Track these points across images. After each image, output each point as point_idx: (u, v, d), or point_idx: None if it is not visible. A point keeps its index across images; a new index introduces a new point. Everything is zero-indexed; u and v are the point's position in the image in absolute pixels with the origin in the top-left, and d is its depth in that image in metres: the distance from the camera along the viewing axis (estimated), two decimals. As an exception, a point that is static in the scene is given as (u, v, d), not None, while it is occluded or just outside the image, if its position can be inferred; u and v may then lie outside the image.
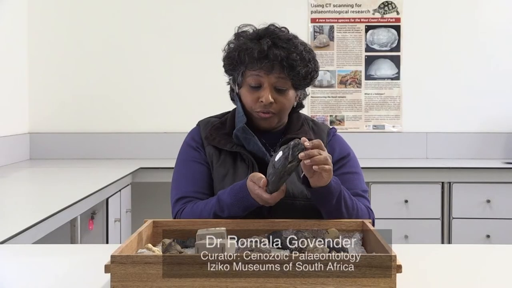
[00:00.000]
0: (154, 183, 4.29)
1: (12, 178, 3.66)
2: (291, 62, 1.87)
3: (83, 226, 3.16)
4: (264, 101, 1.88)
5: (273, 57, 1.86)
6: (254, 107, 1.91)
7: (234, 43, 1.96)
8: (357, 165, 2.01)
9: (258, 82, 1.89)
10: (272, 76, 1.88)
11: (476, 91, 4.62)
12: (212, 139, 1.97)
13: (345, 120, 4.63)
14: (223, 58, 1.98)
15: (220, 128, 1.99)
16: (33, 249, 1.84)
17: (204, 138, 1.99)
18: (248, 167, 1.91)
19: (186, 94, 4.61)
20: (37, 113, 4.60)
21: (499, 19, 4.62)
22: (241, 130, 1.90)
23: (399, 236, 4.00)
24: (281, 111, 1.92)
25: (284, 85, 1.90)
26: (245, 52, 1.89)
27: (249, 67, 1.90)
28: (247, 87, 1.92)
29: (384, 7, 4.63)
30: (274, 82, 1.89)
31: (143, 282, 1.28)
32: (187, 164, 1.99)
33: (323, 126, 2.05)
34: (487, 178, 4.05)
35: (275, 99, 1.89)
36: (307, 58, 1.91)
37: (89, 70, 4.60)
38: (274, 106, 1.90)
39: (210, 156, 1.96)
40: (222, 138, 1.96)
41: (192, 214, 1.86)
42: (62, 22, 4.61)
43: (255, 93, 1.90)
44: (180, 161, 2.02)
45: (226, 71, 2.00)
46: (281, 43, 1.89)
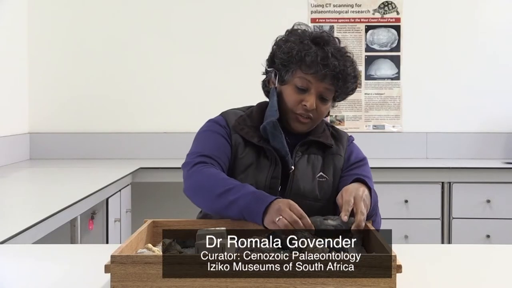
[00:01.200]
0: (154, 183, 4.30)
1: (12, 178, 3.66)
2: (346, 76, 1.90)
3: (83, 226, 3.16)
4: (308, 106, 1.88)
5: (331, 67, 1.87)
6: (295, 108, 1.91)
7: (293, 40, 1.93)
8: (370, 172, 2.04)
9: (306, 86, 1.89)
10: (322, 85, 1.89)
11: (476, 91, 4.62)
12: (240, 129, 1.96)
13: (345, 120, 4.63)
14: (276, 50, 1.95)
15: (247, 120, 1.99)
16: (33, 249, 1.84)
17: (232, 127, 1.97)
18: (270, 164, 1.91)
19: (186, 94, 4.61)
20: (37, 113, 4.60)
21: (499, 19, 4.62)
22: (271, 125, 1.90)
23: (399, 236, 4.00)
24: (317, 118, 1.94)
25: (328, 96, 1.92)
26: (307, 52, 1.88)
27: (303, 69, 1.89)
28: (292, 86, 1.91)
29: (384, 7, 4.63)
30: (321, 91, 1.90)
31: (143, 282, 1.28)
32: (211, 134, 1.97)
33: (343, 133, 2.08)
34: (487, 178, 4.04)
35: (316, 106, 1.90)
36: (357, 75, 1.95)
37: (89, 70, 4.60)
38: (314, 113, 1.91)
39: (236, 144, 1.95)
40: (250, 130, 1.95)
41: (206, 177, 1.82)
42: (62, 22, 4.61)
43: (299, 95, 1.90)
44: (204, 131, 2.00)
45: (272, 62, 1.97)
46: (339, 55, 1.90)
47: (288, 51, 1.91)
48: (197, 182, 1.84)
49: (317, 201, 1.90)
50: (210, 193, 1.79)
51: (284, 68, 1.93)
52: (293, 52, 1.89)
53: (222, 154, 1.92)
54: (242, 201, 1.72)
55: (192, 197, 1.87)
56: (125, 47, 4.60)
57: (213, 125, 1.99)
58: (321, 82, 1.88)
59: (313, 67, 1.87)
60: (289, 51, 1.90)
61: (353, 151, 2.04)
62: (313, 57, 1.87)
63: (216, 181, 1.80)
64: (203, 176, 1.83)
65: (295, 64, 1.90)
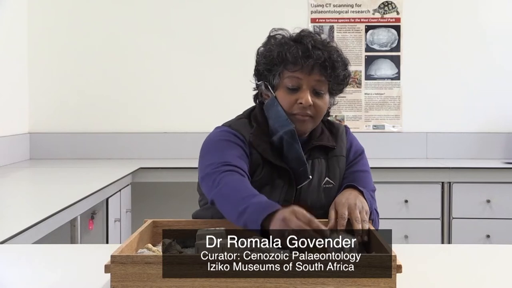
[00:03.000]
0: (154, 183, 4.29)
1: (12, 178, 3.66)
2: (333, 62, 1.85)
3: (83, 226, 3.16)
4: (304, 103, 1.83)
5: (316, 57, 1.83)
6: (292, 109, 1.86)
7: (272, 43, 1.91)
8: (367, 163, 2.03)
9: (297, 83, 1.85)
10: (312, 78, 1.85)
11: (476, 91, 4.62)
12: (257, 145, 1.88)
13: (345, 120, 4.63)
14: (258, 59, 1.93)
15: (260, 134, 1.90)
16: (33, 249, 1.84)
17: (249, 142, 1.88)
18: (284, 185, 1.86)
19: (186, 94, 4.61)
20: (37, 113, 4.60)
21: (499, 19, 4.62)
22: (290, 134, 1.84)
23: (399, 236, 4.00)
24: (317, 114, 1.89)
25: (322, 88, 1.87)
26: (288, 51, 1.85)
27: (289, 68, 1.85)
28: (284, 89, 1.87)
29: (384, 7, 4.63)
30: (313, 84, 1.85)
31: (143, 282, 1.28)
32: (230, 145, 1.85)
33: (340, 127, 2.04)
34: (487, 178, 4.04)
35: (313, 102, 1.85)
36: (345, 62, 1.91)
37: (89, 70, 4.60)
38: (312, 109, 1.86)
39: (254, 163, 1.87)
40: (266, 147, 1.88)
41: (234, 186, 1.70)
42: (62, 22, 4.61)
43: (293, 95, 1.86)
44: (221, 140, 1.87)
45: (259, 73, 1.94)
46: (321, 45, 1.86)
47: (269, 55, 1.88)
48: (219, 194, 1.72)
49: (322, 209, 1.83)
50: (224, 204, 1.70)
51: (270, 73, 1.90)
52: (274, 54, 1.87)
53: (245, 165, 1.81)
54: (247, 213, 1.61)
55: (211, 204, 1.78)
56: (125, 47, 4.60)
57: (229, 134, 1.89)
58: (310, 76, 1.85)
59: (298, 63, 1.84)
60: (270, 54, 1.88)
61: (352, 144, 2.02)
62: (294, 53, 1.84)
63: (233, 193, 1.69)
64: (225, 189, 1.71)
65: (279, 65, 1.87)
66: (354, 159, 1.99)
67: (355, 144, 2.03)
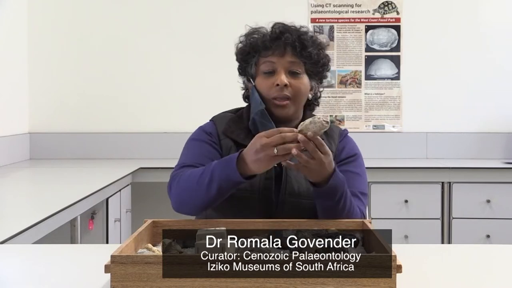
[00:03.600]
0: (154, 183, 4.29)
1: (12, 178, 3.66)
2: (303, 42, 1.89)
3: (83, 226, 3.16)
4: (279, 83, 1.87)
5: (284, 39, 1.88)
6: (270, 93, 1.89)
7: (244, 35, 1.99)
8: (361, 167, 2.00)
9: (272, 67, 1.90)
10: (285, 59, 1.89)
11: (476, 91, 4.62)
12: (231, 132, 1.95)
13: (345, 120, 4.63)
14: (236, 52, 2.00)
15: (238, 122, 1.98)
16: (33, 249, 1.84)
17: (221, 132, 1.96)
18: None
19: (186, 94, 4.61)
20: (37, 113, 4.60)
21: (499, 19, 4.62)
22: (260, 114, 1.88)
23: (399, 236, 4.00)
24: (296, 95, 1.90)
25: (297, 68, 1.90)
26: (257, 39, 1.92)
27: (262, 54, 1.91)
28: (261, 75, 1.92)
29: (384, 7, 4.63)
30: (287, 66, 1.90)
31: (143, 282, 1.28)
32: (197, 143, 1.96)
33: (335, 128, 2.04)
34: (487, 178, 4.04)
35: (290, 83, 1.88)
36: (318, 42, 1.94)
37: (89, 70, 4.60)
38: (290, 90, 1.89)
39: (227, 149, 1.93)
40: (241, 132, 1.94)
41: (187, 179, 1.80)
42: (62, 22, 4.61)
43: (269, 79, 1.90)
44: (190, 141, 2.00)
45: (240, 65, 2.00)
46: (291, 29, 1.92)
47: (242, 46, 1.97)
48: (179, 190, 1.82)
49: (309, 199, 1.84)
50: (190, 191, 1.78)
51: (248, 64, 1.96)
52: (247, 44, 1.95)
53: (205, 159, 1.88)
54: (216, 176, 1.72)
55: (180, 207, 1.85)
56: (125, 47, 4.60)
57: (200, 133, 1.99)
58: (283, 57, 1.89)
59: (268, 47, 1.90)
60: (242, 45, 1.97)
61: (346, 146, 2.00)
62: (264, 39, 1.91)
63: (191, 178, 1.79)
64: (181, 183, 1.81)
65: (253, 54, 1.93)
66: (346, 158, 1.97)
67: (350, 147, 2.01)
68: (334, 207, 1.77)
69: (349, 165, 1.97)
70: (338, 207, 1.77)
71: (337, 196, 1.76)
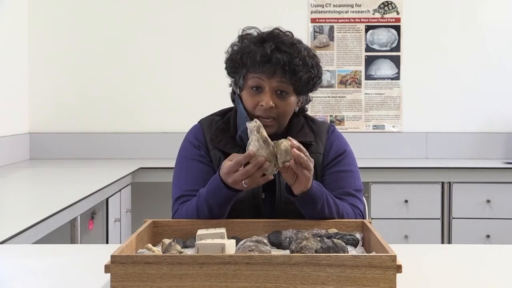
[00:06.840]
0: (154, 183, 4.29)
1: (12, 178, 3.66)
2: (294, 67, 1.85)
3: (83, 226, 3.16)
4: (264, 105, 1.85)
5: (275, 61, 1.84)
6: (254, 111, 1.88)
7: (238, 45, 1.94)
8: (352, 162, 1.99)
9: (259, 84, 1.87)
10: (274, 80, 1.86)
11: (476, 91, 4.62)
12: (218, 142, 1.94)
13: (345, 120, 4.63)
14: (226, 60, 1.96)
15: (225, 130, 1.96)
16: (33, 249, 1.84)
17: (209, 141, 1.96)
18: None
19: (186, 94, 4.61)
20: (37, 113, 4.60)
21: (500, 19, 4.62)
22: (245, 132, 1.85)
23: (399, 236, 4.00)
24: (281, 116, 1.89)
25: (286, 89, 1.88)
26: (248, 55, 1.87)
27: (251, 70, 1.88)
28: (248, 89, 1.90)
29: (384, 7, 4.63)
30: (275, 86, 1.87)
31: (143, 282, 1.28)
32: (188, 162, 1.96)
33: (322, 125, 2.03)
34: (487, 178, 4.04)
35: (276, 104, 1.87)
36: (310, 64, 1.89)
37: (89, 70, 4.60)
38: (275, 111, 1.87)
39: (216, 160, 1.93)
40: (228, 142, 1.93)
41: (186, 215, 1.85)
42: (62, 22, 4.61)
43: (255, 97, 1.88)
44: (181, 158, 2.00)
45: (229, 73, 1.98)
46: (284, 48, 1.86)
47: (232, 58, 1.92)
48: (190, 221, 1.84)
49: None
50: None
51: (237, 74, 1.93)
52: (237, 57, 1.90)
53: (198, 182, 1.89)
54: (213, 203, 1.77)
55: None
56: (125, 47, 4.60)
57: (188, 148, 1.99)
58: (272, 78, 1.86)
59: (257, 67, 1.86)
60: (233, 57, 1.92)
61: (333, 144, 1.99)
62: (253, 57, 1.86)
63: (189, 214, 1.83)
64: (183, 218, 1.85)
65: (243, 67, 1.89)
66: (335, 158, 1.96)
67: (337, 144, 1.99)
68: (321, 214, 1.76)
69: (340, 164, 1.96)
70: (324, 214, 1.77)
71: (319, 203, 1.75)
